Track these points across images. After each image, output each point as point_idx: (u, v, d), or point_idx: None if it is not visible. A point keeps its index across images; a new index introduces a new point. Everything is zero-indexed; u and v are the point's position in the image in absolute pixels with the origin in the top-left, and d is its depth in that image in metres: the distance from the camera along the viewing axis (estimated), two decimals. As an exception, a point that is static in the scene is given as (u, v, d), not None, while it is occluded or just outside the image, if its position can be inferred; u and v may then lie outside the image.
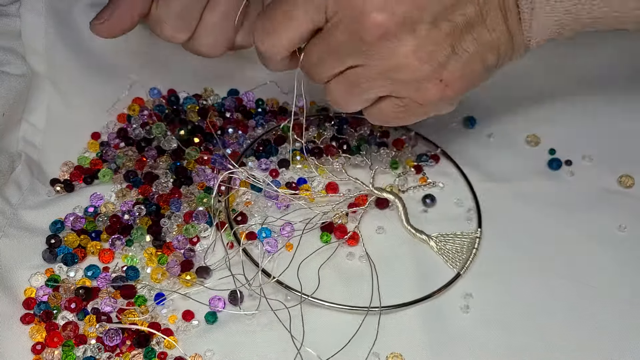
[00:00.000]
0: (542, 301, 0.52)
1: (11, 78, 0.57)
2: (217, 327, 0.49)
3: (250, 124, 0.62)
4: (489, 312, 0.51)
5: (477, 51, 0.47)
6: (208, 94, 0.64)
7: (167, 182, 0.57)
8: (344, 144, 0.60)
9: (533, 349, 0.49)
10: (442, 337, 0.49)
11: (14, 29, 0.60)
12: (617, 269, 0.53)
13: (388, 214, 0.57)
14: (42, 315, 0.49)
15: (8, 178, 0.55)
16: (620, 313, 0.51)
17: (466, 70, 0.47)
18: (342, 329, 0.49)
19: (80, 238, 0.53)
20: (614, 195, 0.58)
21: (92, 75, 0.62)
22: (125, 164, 0.58)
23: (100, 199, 0.56)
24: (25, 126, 0.59)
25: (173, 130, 0.60)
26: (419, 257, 0.54)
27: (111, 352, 0.48)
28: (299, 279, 0.51)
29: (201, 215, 0.54)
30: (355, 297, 0.51)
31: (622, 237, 0.56)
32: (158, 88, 0.64)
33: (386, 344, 0.49)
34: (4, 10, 0.60)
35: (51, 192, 0.57)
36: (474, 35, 0.46)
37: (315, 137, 0.60)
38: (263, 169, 0.59)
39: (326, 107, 0.63)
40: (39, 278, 0.51)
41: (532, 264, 0.54)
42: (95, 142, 0.60)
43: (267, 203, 0.56)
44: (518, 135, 0.63)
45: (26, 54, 0.60)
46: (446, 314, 0.51)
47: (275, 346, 0.48)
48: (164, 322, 0.49)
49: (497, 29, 0.47)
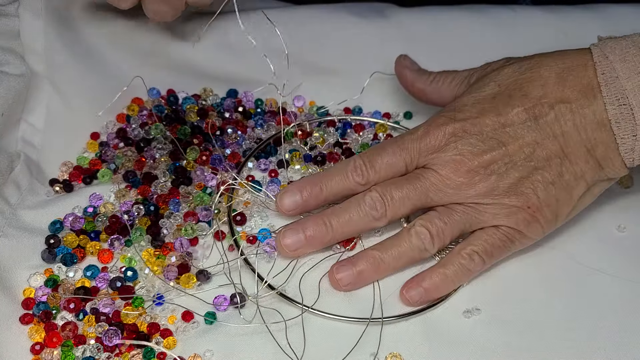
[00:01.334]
0: (541, 301, 0.52)
1: (10, 78, 0.57)
2: (216, 327, 0.49)
3: (249, 124, 0.62)
4: (488, 312, 0.51)
5: (568, 182, 0.51)
6: (207, 94, 0.64)
7: (166, 183, 0.57)
8: (347, 150, 0.60)
9: (533, 349, 0.49)
10: (442, 338, 0.49)
11: (13, 29, 0.60)
12: (616, 269, 0.53)
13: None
14: (41, 315, 0.49)
15: (7, 178, 0.55)
16: (620, 313, 0.51)
17: (558, 199, 0.51)
18: (341, 337, 0.49)
19: (79, 238, 0.53)
20: (613, 195, 0.58)
21: (91, 75, 0.62)
22: (124, 164, 0.58)
23: (99, 199, 0.56)
24: (24, 126, 0.59)
25: (172, 130, 0.60)
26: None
27: (110, 352, 0.47)
28: (300, 291, 0.51)
29: (204, 214, 0.54)
30: (354, 303, 0.51)
31: (621, 237, 0.56)
32: (157, 88, 0.63)
33: (385, 345, 0.49)
34: (3, 10, 0.60)
35: (50, 192, 0.57)
36: (562, 169, 0.51)
37: (318, 142, 0.60)
38: (262, 169, 0.59)
39: (326, 108, 0.63)
40: (38, 278, 0.51)
41: (531, 264, 0.54)
42: (95, 142, 0.60)
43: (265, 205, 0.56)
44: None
45: (25, 54, 0.60)
46: (446, 317, 0.51)
47: (275, 347, 0.48)
48: (163, 323, 0.49)
49: (580, 162, 0.51)
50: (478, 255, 0.51)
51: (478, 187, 0.51)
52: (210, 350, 0.48)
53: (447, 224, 0.51)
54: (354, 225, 0.52)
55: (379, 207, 0.51)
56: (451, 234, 0.51)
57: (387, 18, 0.67)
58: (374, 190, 0.52)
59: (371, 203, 0.51)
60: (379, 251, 0.51)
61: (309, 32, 0.66)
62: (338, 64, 0.65)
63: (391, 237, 0.52)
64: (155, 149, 0.59)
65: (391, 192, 0.51)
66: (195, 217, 0.55)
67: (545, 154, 0.50)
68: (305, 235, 0.51)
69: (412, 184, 0.51)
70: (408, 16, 0.67)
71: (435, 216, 0.51)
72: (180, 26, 0.65)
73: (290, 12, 0.67)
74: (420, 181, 0.51)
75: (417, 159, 0.52)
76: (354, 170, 0.52)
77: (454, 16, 0.67)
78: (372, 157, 0.52)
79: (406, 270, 0.53)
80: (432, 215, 0.52)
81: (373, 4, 0.69)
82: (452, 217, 0.51)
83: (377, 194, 0.51)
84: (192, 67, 0.64)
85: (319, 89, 0.64)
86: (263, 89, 0.59)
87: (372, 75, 0.62)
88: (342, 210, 0.52)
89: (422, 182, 0.51)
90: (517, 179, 0.50)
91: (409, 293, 0.51)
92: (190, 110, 0.62)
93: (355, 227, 0.52)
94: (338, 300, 0.51)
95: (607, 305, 0.51)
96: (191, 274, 0.52)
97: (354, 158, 0.53)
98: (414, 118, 0.64)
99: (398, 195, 0.51)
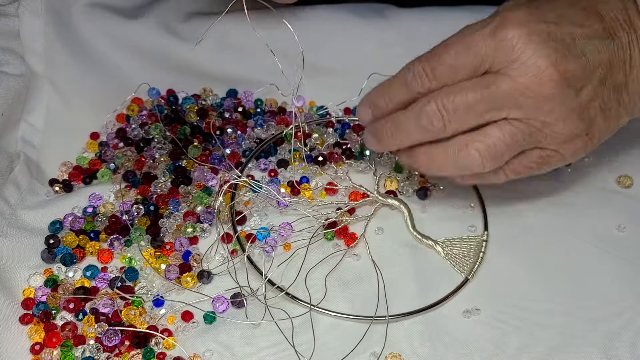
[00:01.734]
0: (541, 301, 0.52)
1: (10, 78, 0.57)
2: (216, 327, 0.49)
3: (249, 124, 0.62)
4: (488, 312, 0.51)
5: (617, 111, 0.49)
6: (207, 94, 0.64)
7: (166, 182, 0.57)
8: (347, 150, 0.60)
9: (533, 349, 0.49)
10: (442, 338, 0.49)
11: (13, 29, 0.60)
12: (616, 268, 0.53)
13: (386, 214, 0.57)
14: (40, 315, 0.49)
15: (7, 178, 0.55)
16: (620, 313, 0.51)
17: (607, 126, 0.49)
18: (343, 336, 0.49)
19: (79, 238, 0.53)
20: (613, 195, 0.58)
21: (91, 75, 0.62)
22: (124, 164, 0.58)
23: (99, 199, 0.56)
24: (24, 126, 0.59)
25: (172, 130, 0.60)
26: (419, 259, 0.54)
27: (110, 353, 0.47)
28: (307, 289, 0.51)
29: (206, 216, 0.54)
30: (357, 301, 0.51)
31: (621, 237, 0.56)
32: (157, 88, 0.63)
33: (386, 345, 0.49)
34: (3, 10, 0.60)
35: (50, 192, 0.57)
36: (617, 97, 0.48)
37: (318, 143, 0.60)
38: (262, 169, 0.59)
39: (325, 108, 0.63)
40: (37, 278, 0.51)
41: (530, 264, 0.54)
42: (94, 142, 0.60)
43: (266, 203, 0.56)
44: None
45: (25, 54, 0.60)
46: (446, 317, 0.51)
47: (274, 347, 0.48)
48: (163, 323, 0.49)
49: (636, 96, 0.49)
50: (504, 173, 0.50)
51: (555, 101, 0.46)
52: (210, 350, 0.48)
53: (507, 143, 0.47)
54: (415, 139, 0.49)
55: (436, 122, 0.46)
56: (509, 153, 0.48)
57: (387, 18, 0.67)
58: (432, 101, 0.46)
59: (428, 118, 0.47)
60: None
61: (309, 33, 0.66)
62: (338, 64, 0.65)
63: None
64: (155, 149, 0.59)
65: (453, 102, 0.46)
66: (195, 217, 0.55)
67: (613, 80, 0.48)
68: (375, 140, 0.51)
69: (480, 92, 0.46)
70: (408, 16, 0.67)
71: (497, 131, 0.47)
72: (180, 26, 0.65)
73: (290, 12, 0.67)
74: (490, 88, 0.46)
75: (490, 60, 0.46)
76: (414, 79, 0.47)
77: (454, 16, 0.67)
78: (434, 61, 0.47)
79: (406, 269, 0.53)
80: (492, 130, 0.47)
81: (373, 5, 0.69)
82: (515, 136, 0.47)
83: (435, 106, 0.46)
84: (192, 67, 0.64)
85: (318, 89, 0.64)
86: (263, 89, 0.59)
87: (369, 77, 0.62)
88: (398, 126, 0.49)
89: (492, 90, 0.45)
90: (588, 101, 0.47)
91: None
92: (190, 110, 0.62)
93: (415, 141, 0.49)
94: (341, 300, 0.51)
95: (606, 305, 0.51)
96: (192, 274, 0.52)
97: (414, 63, 0.48)
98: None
99: (461, 105, 0.46)
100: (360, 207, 0.57)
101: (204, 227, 0.54)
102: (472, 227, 0.56)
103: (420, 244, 0.55)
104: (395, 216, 0.56)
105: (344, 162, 0.59)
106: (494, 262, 0.54)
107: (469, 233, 0.55)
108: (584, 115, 0.47)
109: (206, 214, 0.55)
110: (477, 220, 0.56)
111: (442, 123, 0.46)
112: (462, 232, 0.56)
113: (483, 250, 0.54)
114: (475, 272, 0.53)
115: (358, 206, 0.56)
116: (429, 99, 0.47)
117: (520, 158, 0.49)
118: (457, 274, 0.53)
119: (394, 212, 0.57)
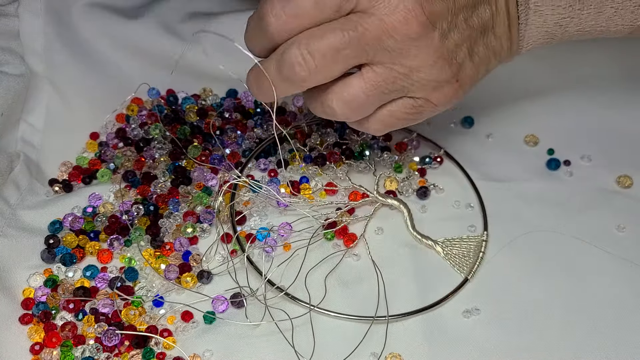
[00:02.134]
0: (541, 301, 0.52)
1: (10, 78, 0.57)
2: (216, 327, 0.49)
3: (249, 124, 0.62)
4: (488, 312, 0.51)
5: (486, 55, 0.48)
6: (207, 94, 0.64)
7: (166, 182, 0.57)
8: (346, 150, 0.60)
9: (533, 349, 0.49)
10: (442, 338, 0.49)
11: (13, 29, 0.60)
12: (616, 268, 0.53)
13: (386, 214, 0.57)
14: (40, 315, 0.49)
15: (6, 178, 0.55)
16: (620, 313, 0.51)
17: (476, 72, 0.48)
18: (344, 336, 0.49)
19: (78, 238, 0.53)
20: (612, 195, 0.58)
21: (90, 75, 0.62)
22: (123, 164, 0.58)
23: (98, 199, 0.56)
24: (23, 126, 0.59)
25: (172, 130, 0.60)
26: (419, 259, 0.54)
27: (110, 353, 0.47)
28: (307, 289, 0.51)
29: (205, 216, 0.54)
30: (357, 301, 0.51)
31: (621, 237, 0.56)
32: (157, 88, 0.63)
33: (386, 345, 0.49)
34: (3, 10, 0.60)
35: (50, 192, 0.57)
36: (485, 40, 0.48)
37: (317, 143, 0.60)
38: (262, 169, 0.59)
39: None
40: (37, 278, 0.51)
41: (530, 264, 0.54)
42: (94, 142, 0.60)
43: (266, 203, 0.56)
44: (517, 135, 0.63)
45: (25, 54, 0.60)
46: (446, 317, 0.51)
47: (274, 347, 0.48)
48: (163, 323, 0.49)
49: (502, 38, 0.48)
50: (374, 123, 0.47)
51: (421, 44, 0.44)
52: (209, 350, 0.48)
53: (369, 93, 0.45)
54: (280, 91, 0.45)
55: (299, 69, 0.43)
56: (373, 103, 0.46)
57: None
58: (293, 46, 0.43)
59: (290, 65, 0.43)
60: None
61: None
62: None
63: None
64: (155, 149, 0.59)
65: (316, 45, 0.42)
66: (194, 217, 0.55)
67: (478, 22, 0.47)
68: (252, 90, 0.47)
69: (345, 32, 0.42)
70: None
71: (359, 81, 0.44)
72: (180, 26, 0.65)
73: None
74: (357, 29, 0.42)
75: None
76: (270, 14, 0.43)
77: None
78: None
79: (405, 269, 0.53)
80: (353, 80, 0.45)
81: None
82: (378, 85, 0.45)
83: (298, 50, 0.42)
84: (192, 67, 0.64)
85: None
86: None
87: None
88: (260, 78, 0.45)
89: (359, 31, 0.42)
90: (455, 44, 0.46)
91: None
92: (190, 110, 0.62)
93: (280, 93, 0.45)
94: (340, 300, 0.51)
95: (606, 305, 0.51)
96: (192, 274, 0.52)
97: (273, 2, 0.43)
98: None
99: (325, 48, 0.42)
100: (360, 207, 0.57)
101: (203, 227, 0.54)
102: (472, 227, 0.56)
103: (420, 244, 0.55)
104: (395, 216, 0.56)
105: (343, 162, 0.59)
106: (494, 262, 0.54)
107: (469, 233, 0.55)
108: (452, 60, 0.46)
109: (206, 214, 0.55)
110: (477, 220, 0.56)
111: (307, 70, 0.43)
112: (462, 232, 0.56)
113: (483, 251, 0.54)
114: (474, 272, 0.53)
115: (358, 206, 0.56)
116: (291, 43, 0.43)
117: (390, 108, 0.48)
118: (457, 274, 0.53)
119: (394, 212, 0.57)
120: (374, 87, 0.45)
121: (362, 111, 0.47)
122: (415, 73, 0.45)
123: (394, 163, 0.59)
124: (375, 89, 0.45)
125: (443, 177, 0.59)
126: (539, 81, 0.65)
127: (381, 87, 0.45)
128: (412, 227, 0.55)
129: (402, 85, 0.46)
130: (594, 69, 0.66)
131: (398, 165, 0.59)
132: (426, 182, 0.59)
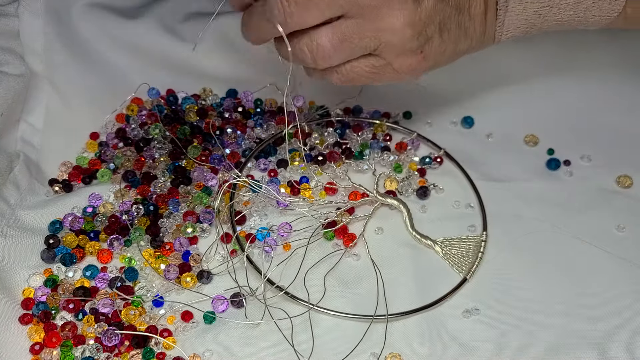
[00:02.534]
0: (541, 301, 0.52)
1: (9, 78, 0.57)
2: (215, 327, 0.49)
3: (249, 124, 0.62)
4: (488, 312, 0.51)
5: (456, 34, 0.49)
6: (207, 94, 0.64)
7: (166, 182, 0.57)
8: (346, 150, 0.60)
9: (533, 349, 0.49)
10: (442, 338, 0.49)
11: (13, 29, 0.60)
12: (616, 268, 0.53)
13: (386, 214, 0.57)
14: (40, 315, 0.49)
15: (6, 178, 0.55)
16: (619, 313, 0.51)
17: (443, 49, 0.49)
18: (343, 335, 0.49)
19: (78, 238, 0.53)
20: (612, 195, 0.58)
21: (90, 75, 0.62)
22: (123, 164, 0.58)
23: (98, 199, 0.56)
24: (23, 126, 0.59)
25: (172, 130, 0.60)
26: (419, 259, 0.54)
27: (110, 353, 0.47)
28: (306, 288, 0.51)
29: (205, 216, 0.55)
30: (357, 301, 0.51)
31: (620, 237, 0.56)
32: (157, 88, 0.64)
33: (386, 345, 0.49)
34: (3, 10, 0.60)
35: (50, 192, 0.57)
36: (458, 19, 0.49)
37: (317, 143, 0.60)
38: (262, 169, 0.59)
39: (325, 107, 0.63)
40: (37, 278, 0.51)
41: (530, 264, 0.54)
42: (94, 142, 0.60)
43: (266, 203, 0.56)
44: (517, 135, 0.63)
45: (25, 54, 0.60)
46: (446, 317, 0.51)
47: (274, 346, 0.48)
48: (163, 323, 0.49)
49: (476, 20, 0.49)
50: (337, 74, 0.49)
51: (395, 5, 0.46)
52: (209, 350, 0.48)
53: (335, 45, 0.47)
54: (265, 33, 0.48)
55: (277, 13, 0.46)
56: (339, 55, 0.48)
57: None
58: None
59: (270, 9, 0.46)
60: None
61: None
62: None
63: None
64: (155, 149, 0.59)
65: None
66: (194, 217, 0.55)
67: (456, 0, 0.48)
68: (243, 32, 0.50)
69: None
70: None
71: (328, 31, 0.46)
72: (180, 26, 0.65)
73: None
74: None
75: None
76: None
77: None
78: None
79: (404, 269, 0.53)
80: (324, 29, 0.47)
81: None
82: (346, 38, 0.46)
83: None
84: (192, 67, 0.64)
85: (318, 89, 0.64)
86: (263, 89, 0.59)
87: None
88: (250, 13, 0.49)
89: None
90: (427, 16, 0.47)
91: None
92: (189, 110, 0.62)
93: (265, 35, 0.49)
94: (340, 299, 0.51)
95: (606, 305, 0.51)
96: (192, 274, 0.52)
97: None
98: (414, 117, 0.64)
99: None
100: (360, 206, 0.57)
101: (203, 227, 0.54)
102: (472, 227, 0.56)
103: (419, 244, 0.55)
104: (394, 216, 0.56)
105: (343, 162, 0.59)
106: (494, 262, 0.54)
107: (468, 233, 0.55)
108: (421, 31, 0.47)
109: (206, 214, 0.55)
110: (477, 220, 0.56)
111: (283, 16, 0.46)
112: (462, 232, 0.56)
113: (482, 251, 0.54)
114: (473, 272, 0.53)
115: (357, 206, 0.56)
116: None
117: (355, 62, 0.49)
118: (457, 274, 0.53)
119: (394, 211, 0.57)
120: (340, 39, 0.47)
121: (328, 60, 0.48)
122: (382, 34, 0.47)
123: (393, 163, 0.59)
124: (341, 41, 0.47)
125: (443, 177, 0.59)
126: (539, 81, 0.65)
127: (347, 40, 0.47)
128: (412, 227, 0.55)
129: (368, 44, 0.47)
130: (594, 69, 0.66)
131: (398, 165, 0.59)
132: (426, 182, 0.59)
